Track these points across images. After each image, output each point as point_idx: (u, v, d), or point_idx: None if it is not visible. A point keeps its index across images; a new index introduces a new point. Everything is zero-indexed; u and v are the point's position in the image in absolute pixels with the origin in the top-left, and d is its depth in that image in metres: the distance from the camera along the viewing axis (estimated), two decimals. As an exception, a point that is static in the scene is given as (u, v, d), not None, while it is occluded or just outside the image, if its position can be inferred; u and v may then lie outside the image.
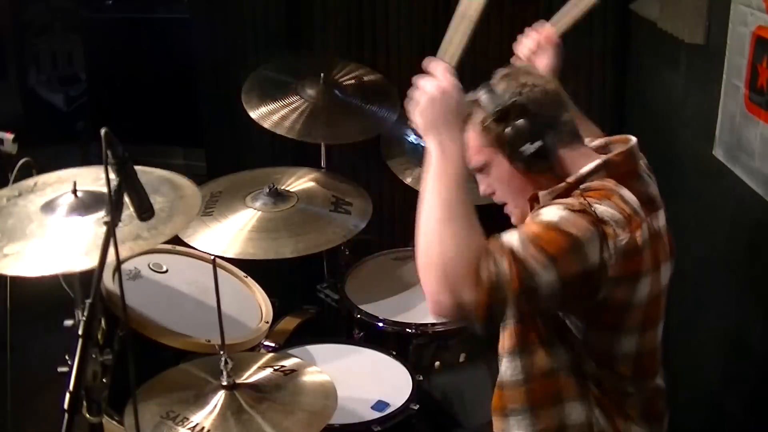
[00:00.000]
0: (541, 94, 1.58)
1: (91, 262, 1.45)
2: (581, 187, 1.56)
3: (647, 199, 1.61)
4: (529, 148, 1.55)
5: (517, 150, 1.56)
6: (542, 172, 1.58)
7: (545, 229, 1.44)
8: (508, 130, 1.56)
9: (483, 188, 1.69)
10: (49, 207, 1.61)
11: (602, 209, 1.47)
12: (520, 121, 1.55)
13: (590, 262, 1.43)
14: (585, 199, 1.48)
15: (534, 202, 1.62)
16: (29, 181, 1.74)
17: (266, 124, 2.65)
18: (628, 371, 1.58)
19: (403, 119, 2.83)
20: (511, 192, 1.65)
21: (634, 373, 1.59)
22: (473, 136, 1.63)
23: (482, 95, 1.60)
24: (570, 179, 1.57)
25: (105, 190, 1.33)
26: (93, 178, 1.70)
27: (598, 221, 1.44)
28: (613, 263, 1.46)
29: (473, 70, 1.76)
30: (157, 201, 1.53)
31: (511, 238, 1.43)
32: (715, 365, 2.20)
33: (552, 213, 1.46)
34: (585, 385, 1.59)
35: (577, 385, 1.60)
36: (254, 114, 2.67)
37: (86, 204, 1.61)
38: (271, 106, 2.70)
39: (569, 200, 1.50)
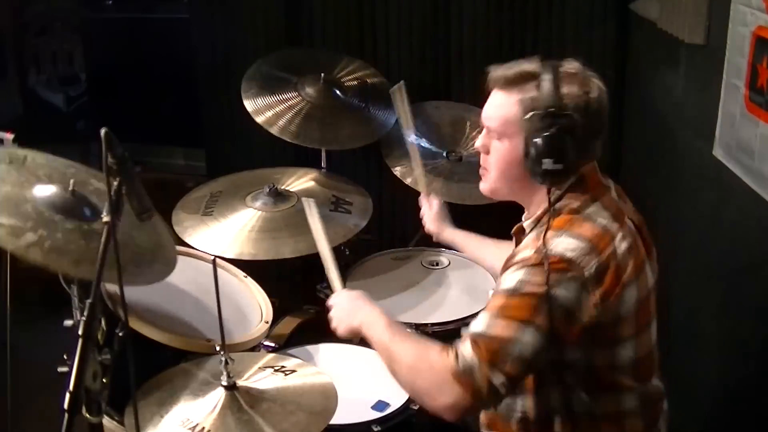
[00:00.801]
0: (595, 118, 1.56)
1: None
2: (554, 207, 1.58)
3: (616, 206, 1.61)
4: (548, 164, 1.54)
5: (538, 157, 1.54)
6: (542, 183, 1.59)
7: (507, 298, 1.51)
8: (544, 135, 1.53)
9: (481, 143, 1.70)
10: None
11: (563, 246, 1.50)
12: (560, 138, 1.52)
13: (564, 304, 1.47)
14: (543, 243, 1.50)
15: (520, 235, 1.68)
16: (19, 152, 1.73)
17: (260, 120, 2.65)
18: (630, 380, 1.59)
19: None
20: (500, 171, 1.67)
21: (635, 380, 1.59)
22: (511, 104, 1.61)
23: (546, 81, 1.56)
24: (544, 204, 1.60)
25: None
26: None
27: (558, 263, 1.48)
28: (589, 292, 1.49)
29: (474, 72, 1.77)
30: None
31: (475, 325, 1.52)
32: (715, 366, 2.20)
33: (511, 279, 1.52)
34: (579, 423, 1.61)
35: (570, 424, 1.62)
36: (250, 106, 2.66)
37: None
38: (268, 100, 2.69)
39: (528, 252, 1.52)
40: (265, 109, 2.68)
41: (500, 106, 1.62)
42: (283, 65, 2.88)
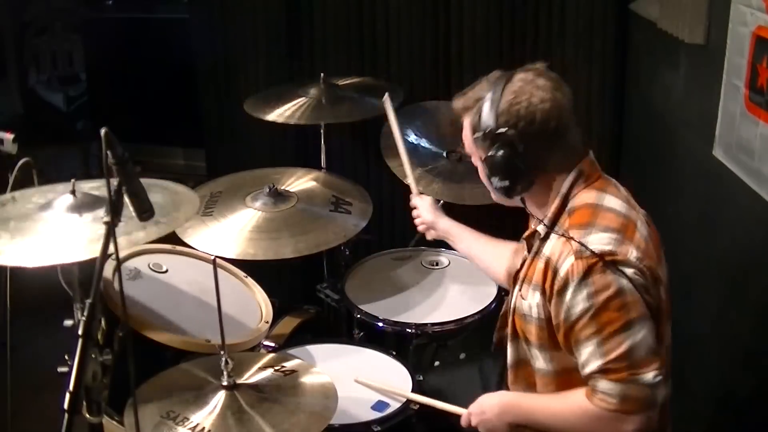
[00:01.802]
0: (539, 127, 1.60)
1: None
2: (567, 209, 1.63)
3: (625, 197, 1.67)
4: (495, 182, 1.65)
5: (489, 176, 1.66)
6: (505, 197, 1.69)
7: (594, 320, 1.53)
8: (489, 154, 1.62)
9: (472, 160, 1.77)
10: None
11: (598, 241, 1.54)
12: (500, 156, 1.61)
13: (635, 287, 1.52)
14: (577, 242, 1.54)
15: (532, 239, 1.72)
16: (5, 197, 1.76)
17: (270, 118, 2.66)
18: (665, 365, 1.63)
19: (403, 120, 2.85)
20: (484, 182, 1.73)
21: (666, 368, 1.62)
22: (467, 129, 1.72)
23: (486, 102, 1.63)
24: (555, 204, 1.65)
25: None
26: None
27: (603, 258, 1.52)
28: (641, 270, 1.54)
29: (474, 72, 1.77)
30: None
31: (589, 365, 1.55)
32: (716, 366, 2.20)
33: (579, 303, 1.54)
34: None
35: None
36: (269, 117, 2.68)
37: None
38: (275, 113, 2.70)
39: (567, 267, 1.55)
40: (276, 116, 2.69)
41: (464, 130, 1.73)
42: (281, 88, 2.89)
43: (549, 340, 1.65)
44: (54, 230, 1.60)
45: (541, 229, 1.68)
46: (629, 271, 1.53)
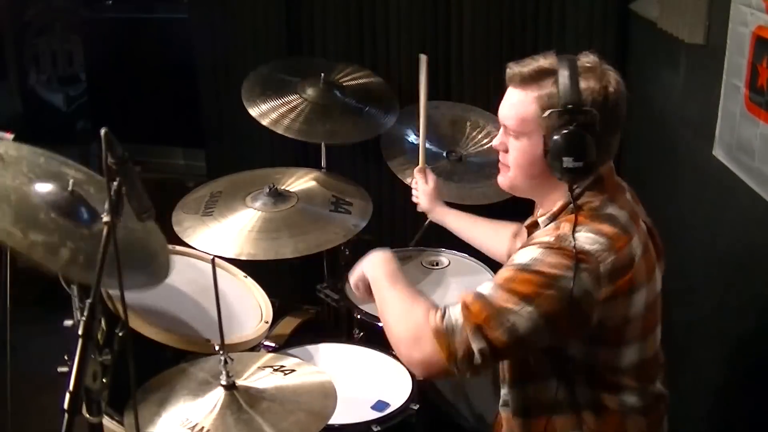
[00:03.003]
0: (614, 112, 1.54)
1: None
2: (570, 207, 1.57)
3: (631, 208, 1.62)
4: (568, 162, 1.51)
5: (558, 155, 1.52)
6: (562, 180, 1.56)
7: (516, 272, 1.49)
8: (564, 132, 1.51)
9: (499, 141, 1.68)
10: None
11: (582, 240, 1.49)
12: (580, 135, 1.50)
13: (570, 294, 1.45)
14: (567, 230, 1.49)
15: (533, 228, 1.66)
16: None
17: (265, 122, 2.65)
18: (632, 381, 1.59)
19: (403, 120, 2.85)
20: (520, 169, 1.64)
21: (638, 381, 1.59)
22: (528, 102, 1.58)
23: (564, 77, 1.54)
24: (561, 201, 1.59)
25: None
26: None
27: (577, 253, 1.46)
28: (601, 288, 1.47)
29: (474, 72, 1.77)
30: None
31: (482, 288, 1.51)
32: (715, 366, 2.20)
33: (525, 255, 1.50)
34: (580, 418, 1.61)
35: (573, 418, 1.61)
36: (253, 111, 2.67)
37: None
38: (270, 104, 2.70)
39: (547, 237, 1.51)
40: (268, 112, 2.68)
41: (517, 104, 1.60)
42: (282, 69, 2.89)
43: None
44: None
45: (542, 220, 1.64)
46: (583, 276, 1.45)
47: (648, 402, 1.62)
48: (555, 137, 1.51)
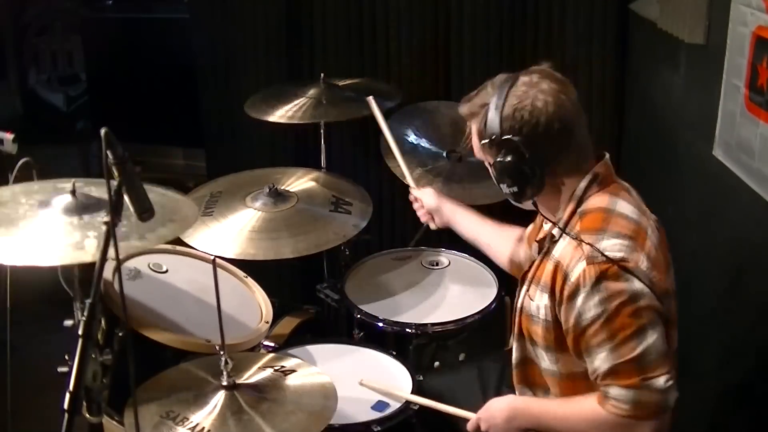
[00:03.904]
0: (544, 131, 1.59)
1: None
2: (578, 211, 1.63)
3: (637, 203, 1.67)
4: (505, 188, 1.64)
5: (498, 182, 1.65)
6: (516, 203, 1.68)
7: (607, 324, 1.52)
8: (496, 161, 1.62)
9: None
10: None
11: (609, 248, 1.54)
12: (507, 162, 1.60)
13: (646, 292, 1.53)
14: (592, 243, 1.54)
15: (543, 242, 1.71)
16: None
17: (270, 119, 2.66)
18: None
19: (403, 120, 2.85)
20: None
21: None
22: (474, 134, 1.72)
23: (491, 108, 1.62)
24: (568, 207, 1.64)
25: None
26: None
27: (615, 264, 1.52)
28: (650, 278, 1.54)
29: (474, 72, 1.77)
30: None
31: (600, 368, 1.54)
32: (715, 366, 2.20)
33: (593, 309, 1.53)
34: None
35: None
36: (271, 118, 2.67)
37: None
38: (276, 113, 2.69)
39: (578, 272, 1.54)
40: (277, 119, 2.68)
41: (472, 136, 1.74)
42: (285, 86, 2.88)
43: (555, 341, 1.65)
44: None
45: (555, 231, 1.67)
46: (640, 278, 1.53)
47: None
48: (491, 164, 1.65)
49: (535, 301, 1.68)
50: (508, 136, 1.58)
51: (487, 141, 1.62)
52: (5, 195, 1.67)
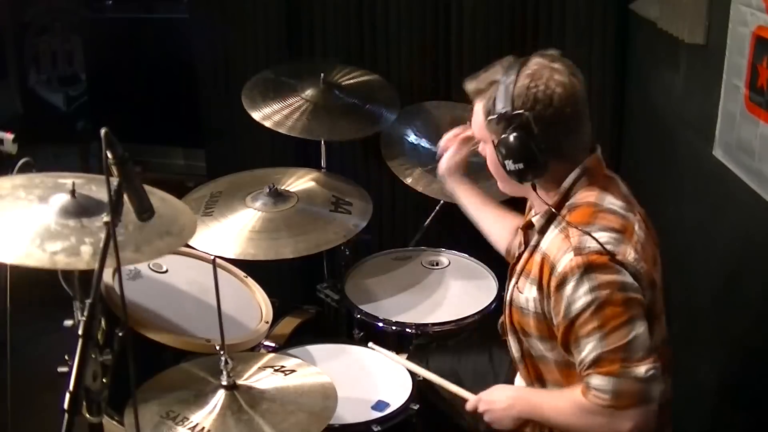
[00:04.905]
0: (556, 110, 1.58)
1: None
2: (567, 204, 1.63)
3: (626, 198, 1.67)
4: (509, 165, 1.60)
5: (502, 159, 1.62)
6: (518, 182, 1.65)
7: (596, 313, 1.52)
8: (503, 137, 1.59)
9: (481, 150, 1.78)
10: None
11: (602, 240, 1.54)
12: (515, 138, 1.57)
13: (633, 283, 1.53)
14: (578, 235, 1.54)
15: (528, 230, 1.68)
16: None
17: (268, 124, 2.65)
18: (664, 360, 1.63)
19: (403, 120, 2.86)
20: (494, 174, 1.75)
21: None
22: (479, 112, 1.70)
23: (501, 84, 1.61)
24: (555, 197, 1.64)
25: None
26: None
27: (602, 256, 1.52)
28: (638, 270, 1.55)
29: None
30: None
31: (586, 356, 1.54)
32: (715, 365, 2.20)
33: (582, 297, 1.53)
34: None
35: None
36: (256, 115, 2.67)
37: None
38: (272, 107, 2.70)
39: (565, 263, 1.54)
40: (270, 115, 2.67)
41: (474, 115, 1.72)
42: (281, 73, 2.88)
43: (548, 331, 1.66)
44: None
45: (536, 220, 1.68)
46: (627, 269, 1.53)
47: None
48: (496, 143, 1.61)
49: (524, 293, 1.68)
50: (519, 111, 1.57)
51: (495, 117, 1.60)
52: (5, 186, 1.66)
